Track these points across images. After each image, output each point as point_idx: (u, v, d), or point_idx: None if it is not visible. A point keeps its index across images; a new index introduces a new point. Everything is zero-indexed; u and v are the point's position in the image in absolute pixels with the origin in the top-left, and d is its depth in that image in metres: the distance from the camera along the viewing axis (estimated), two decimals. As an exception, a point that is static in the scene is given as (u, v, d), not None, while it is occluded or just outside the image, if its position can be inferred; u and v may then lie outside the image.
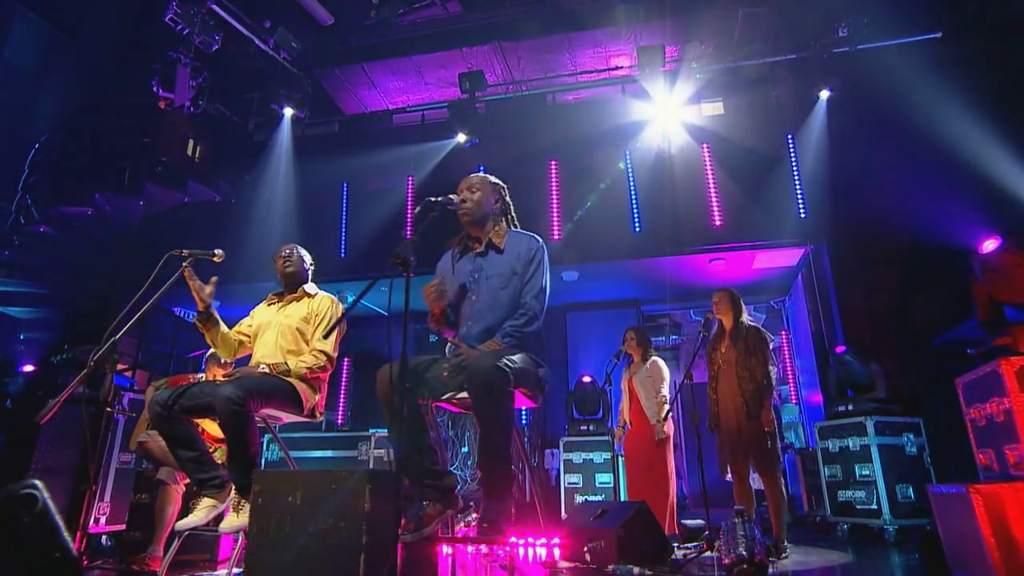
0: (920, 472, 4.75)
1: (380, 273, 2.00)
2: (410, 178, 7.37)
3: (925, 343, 5.26)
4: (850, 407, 5.03)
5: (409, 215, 7.20)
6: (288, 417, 2.75)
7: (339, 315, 2.92)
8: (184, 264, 2.77)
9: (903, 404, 4.97)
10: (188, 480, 3.78)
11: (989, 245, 2.95)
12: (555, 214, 6.86)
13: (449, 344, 2.48)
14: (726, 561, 2.29)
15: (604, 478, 5.79)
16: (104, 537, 4.76)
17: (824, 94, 6.04)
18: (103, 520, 4.60)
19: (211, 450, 3.99)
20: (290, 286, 3.11)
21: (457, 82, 9.05)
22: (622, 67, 8.56)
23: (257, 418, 2.76)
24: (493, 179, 2.60)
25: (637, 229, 6.61)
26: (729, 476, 3.93)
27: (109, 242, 6.19)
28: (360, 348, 8.51)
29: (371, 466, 5.69)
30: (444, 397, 2.34)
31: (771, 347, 4.00)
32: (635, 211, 6.66)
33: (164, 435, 2.57)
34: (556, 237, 6.76)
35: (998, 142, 4.93)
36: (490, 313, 2.35)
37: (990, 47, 5.38)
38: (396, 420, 2.12)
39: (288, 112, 6.39)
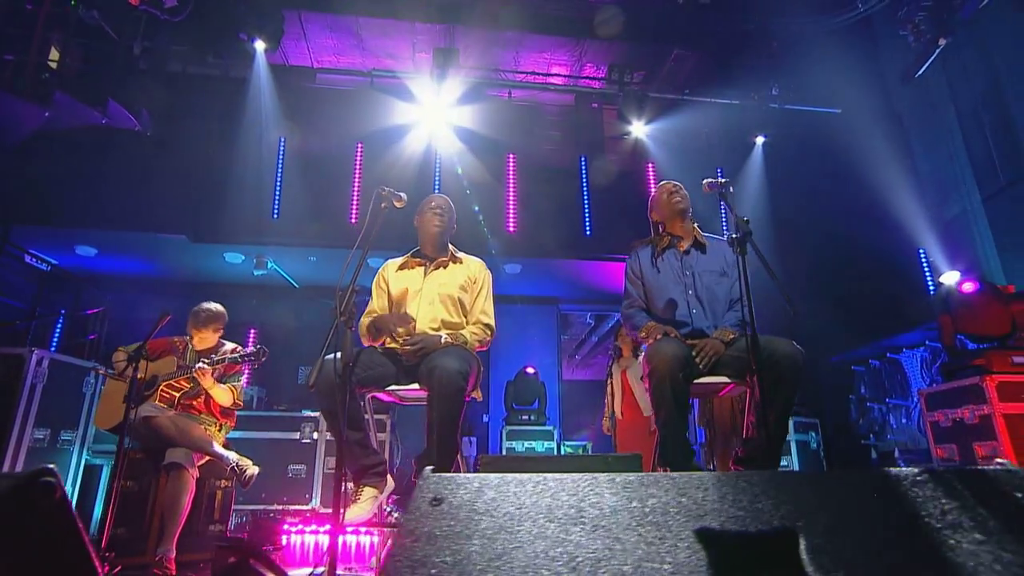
0: (818, 464, 5.81)
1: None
2: (359, 144, 6.87)
3: (824, 359, 6.42)
4: (771, 408, 5.92)
5: (357, 183, 6.71)
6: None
7: (490, 281, 2.76)
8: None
9: (807, 407, 6.01)
10: (201, 463, 3.19)
11: (968, 286, 3.83)
12: (511, 206, 6.94)
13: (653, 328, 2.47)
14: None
15: (546, 466, 6.05)
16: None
17: (759, 139, 7.01)
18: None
19: (217, 427, 3.42)
20: (436, 247, 2.76)
21: (395, 55, 8.73)
22: (559, 75, 8.93)
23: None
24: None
25: (588, 232, 6.99)
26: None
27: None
28: (264, 320, 7.63)
29: (322, 449, 5.20)
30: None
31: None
32: (587, 215, 7.03)
33: (330, 411, 2.17)
34: (511, 230, 6.84)
35: (893, 199, 6.21)
36: (709, 307, 2.47)
37: (883, 126, 6.75)
38: (677, 405, 2.13)
39: (260, 47, 5.52)
